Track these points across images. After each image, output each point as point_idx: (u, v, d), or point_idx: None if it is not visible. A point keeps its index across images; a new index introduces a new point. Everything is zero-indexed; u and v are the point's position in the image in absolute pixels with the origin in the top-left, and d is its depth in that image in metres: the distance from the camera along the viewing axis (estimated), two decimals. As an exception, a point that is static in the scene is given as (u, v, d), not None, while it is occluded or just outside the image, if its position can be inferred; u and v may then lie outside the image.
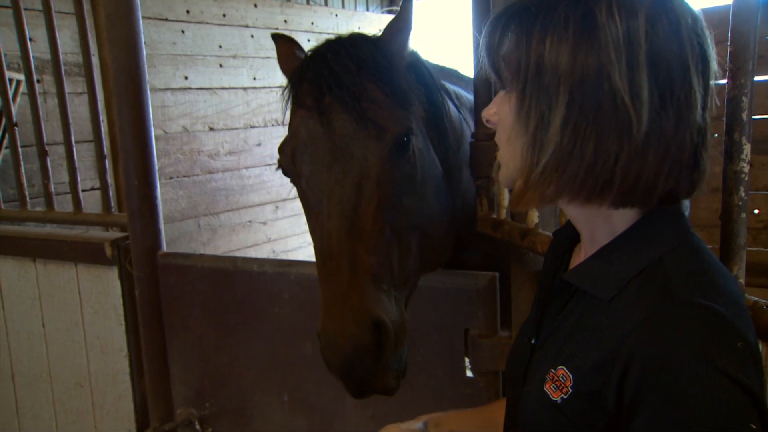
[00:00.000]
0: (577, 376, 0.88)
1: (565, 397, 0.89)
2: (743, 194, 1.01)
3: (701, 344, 0.77)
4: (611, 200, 0.89)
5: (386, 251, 1.38)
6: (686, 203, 0.96)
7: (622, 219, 0.93)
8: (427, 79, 1.73)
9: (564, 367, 0.90)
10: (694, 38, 0.85)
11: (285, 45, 1.80)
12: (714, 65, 0.87)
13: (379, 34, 1.65)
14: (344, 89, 1.43)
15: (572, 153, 0.85)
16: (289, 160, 1.51)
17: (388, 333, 1.27)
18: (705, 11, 0.90)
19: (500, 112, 0.96)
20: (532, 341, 1.05)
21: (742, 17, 0.96)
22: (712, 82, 0.88)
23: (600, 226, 0.95)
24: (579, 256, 1.06)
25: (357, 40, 1.56)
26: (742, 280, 1.04)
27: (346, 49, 1.50)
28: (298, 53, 1.77)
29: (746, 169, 1.00)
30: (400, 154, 1.45)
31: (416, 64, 1.72)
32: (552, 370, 0.93)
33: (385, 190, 1.42)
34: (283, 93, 1.59)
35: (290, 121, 1.56)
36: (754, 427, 0.74)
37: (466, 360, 1.80)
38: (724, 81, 1.00)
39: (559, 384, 0.90)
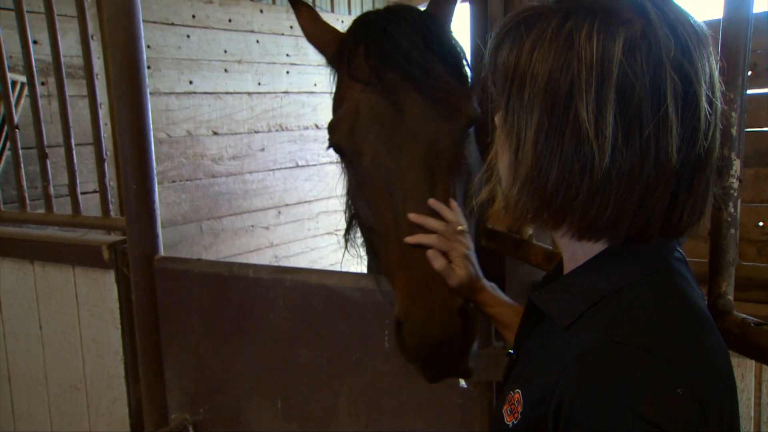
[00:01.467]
0: (526, 402, 0.88)
1: (515, 422, 0.88)
2: (732, 210, 1.00)
3: (625, 388, 0.74)
4: (572, 232, 0.87)
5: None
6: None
7: (593, 247, 0.90)
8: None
9: (520, 391, 0.90)
10: (678, 70, 0.79)
11: (306, 10, 1.75)
12: (701, 102, 0.80)
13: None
14: (414, 66, 1.37)
15: (539, 177, 0.83)
16: (346, 137, 1.44)
17: (473, 319, 1.25)
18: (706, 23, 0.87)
19: (497, 127, 0.95)
20: (514, 357, 1.05)
21: (732, 32, 0.95)
22: (703, 122, 0.81)
23: (576, 248, 0.93)
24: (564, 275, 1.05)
25: (413, 12, 1.50)
26: (730, 297, 1.03)
27: (409, 22, 1.43)
28: (324, 21, 1.72)
29: (735, 184, 0.99)
30: (467, 137, 1.42)
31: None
32: (511, 392, 0.92)
33: (457, 173, 1.38)
34: (331, 62, 1.52)
35: (342, 95, 1.50)
36: None
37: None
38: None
39: (512, 408, 0.90)
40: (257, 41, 5.03)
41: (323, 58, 1.69)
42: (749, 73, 1.00)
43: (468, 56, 1.57)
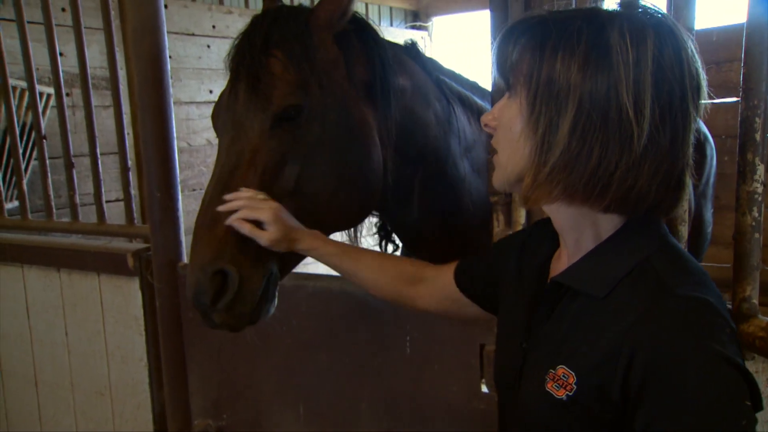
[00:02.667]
0: (579, 373, 0.92)
1: (570, 394, 0.93)
2: (757, 214, 1.01)
3: (698, 331, 0.84)
4: (606, 204, 0.95)
5: None
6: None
7: (609, 225, 0.99)
8: (369, 46, 1.75)
9: (564, 366, 0.94)
10: (693, 69, 0.92)
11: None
12: (704, 98, 0.94)
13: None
14: (249, 61, 1.54)
15: (579, 156, 0.92)
16: (213, 120, 1.69)
17: (229, 281, 1.43)
18: (720, 30, 0.91)
19: (502, 116, 1.02)
20: (523, 345, 1.08)
21: (755, 38, 0.96)
22: (699, 115, 0.95)
23: (586, 231, 1.00)
24: (560, 263, 1.09)
25: (279, 12, 1.65)
26: (755, 301, 1.04)
27: (262, 22, 1.61)
28: None
29: (760, 189, 0.99)
30: (283, 126, 1.54)
31: (360, 31, 1.75)
32: (551, 370, 0.96)
33: (263, 159, 1.53)
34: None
35: None
36: (748, 403, 0.82)
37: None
38: (736, 99, 1.00)
39: (561, 382, 0.94)
40: (276, 51, 5.07)
41: None
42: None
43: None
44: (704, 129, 3.34)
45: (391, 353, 1.95)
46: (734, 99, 4.89)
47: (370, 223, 1.97)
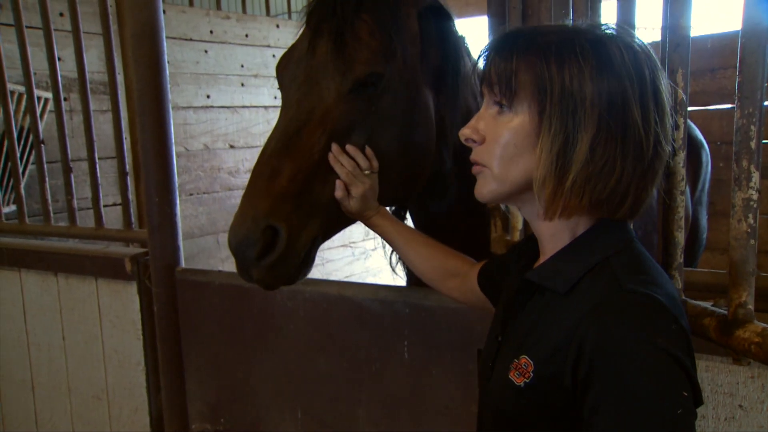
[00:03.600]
0: (537, 361, 0.99)
1: (528, 381, 0.99)
2: (752, 221, 1.02)
3: (641, 324, 0.89)
4: (623, 214, 1.01)
5: (313, 174, 1.49)
6: None
7: (583, 229, 1.05)
8: (445, 31, 1.74)
9: (526, 356, 1.01)
10: (669, 87, 1.00)
11: None
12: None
13: None
14: (336, 21, 1.51)
15: (603, 169, 0.96)
16: (279, 70, 1.64)
17: (278, 239, 1.42)
18: (715, 37, 0.93)
19: (494, 130, 1.04)
20: (499, 338, 1.14)
21: (751, 47, 0.97)
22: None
23: (564, 238, 1.06)
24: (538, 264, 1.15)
25: None
26: (751, 307, 1.05)
27: None
28: None
29: (755, 196, 1.01)
30: (361, 92, 1.53)
31: (436, 13, 1.72)
32: (515, 360, 1.02)
33: (334, 122, 1.51)
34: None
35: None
36: (686, 394, 0.86)
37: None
38: (731, 106, 1.01)
39: (522, 371, 1.00)
40: (273, 56, 5.09)
41: None
42: None
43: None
44: (700, 136, 3.36)
45: (389, 358, 1.96)
46: (729, 106, 4.92)
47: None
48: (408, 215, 2.02)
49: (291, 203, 1.45)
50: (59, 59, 2.69)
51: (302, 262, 1.50)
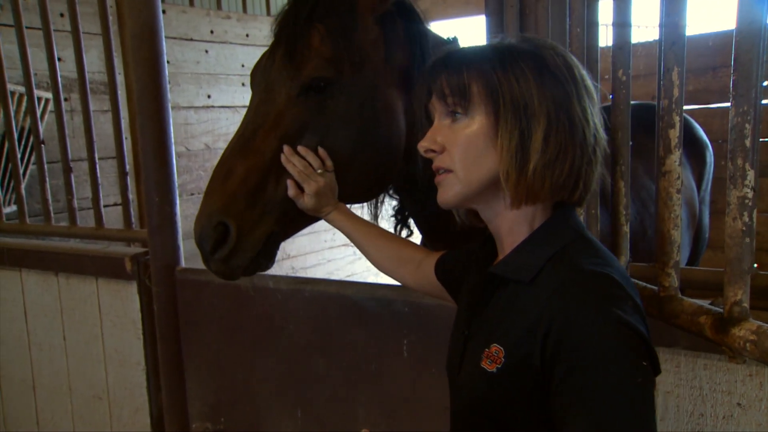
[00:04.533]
0: (507, 347, 1.05)
1: (499, 366, 1.05)
2: (748, 219, 1.02)
3: (602, 299, 0.97)
4: (577, 197, 1.12)
5: (266, 174, 1.60)
6: None
7: (539, 222, 1.14)
8: (412, 33, 1.78)
9: (496, 344, 1.07)
10: (592, 82, 1.13)
11: None
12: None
13: None
14: (289, 29, 1.63)
15: (557, 159, 1.06)
16: (251, 76, 1.76)
17: (230, 233, 1.55)
18: (716, 35, 0.92)
19: (452, 137, 1.12)
20: (465, 332, 1.20)
21: (745, 45, 0.97)
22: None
23: (522, 232, 1.14)
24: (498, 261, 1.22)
25: None
26: (746, 305, 1.05)
27: None
28: None
29: (750, 194, 1.00)
30: (310, 96, 1.62)
31: (405, 16, 1.77)
32: (486, 349, 1.09)
33: (285, 124, 1.62)
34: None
35: None
36: (645, 364, 0.94)
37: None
38: (728, 104, 1.01)
39: (493, 358, 1.07)
40: (274, 55, 5.08)
41: None
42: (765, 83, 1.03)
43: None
44: (704, 136, 3.35)
45: (388, 357, 1.96)
46: (730, 104, 4.91)
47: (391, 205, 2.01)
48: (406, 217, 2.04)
49: (243, 201, 1.57)
50: (59, 59, 2.69)
51: (259, 255, 1.62)
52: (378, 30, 1.71)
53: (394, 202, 2.04)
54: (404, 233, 2.04)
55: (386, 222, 1.97)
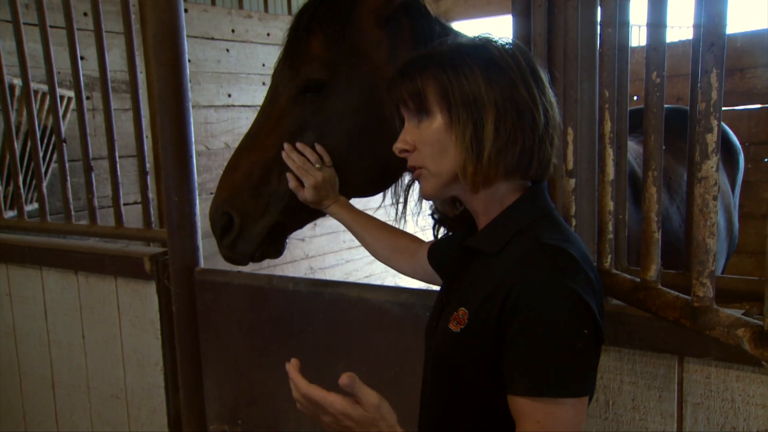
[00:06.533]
0: (471, 310, 1.18)
1: (463, 327, 1.18)
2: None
3: (556, 269, 1.10)
4: (532, 174, 1.23)
5: (269, 169, 1.74)
6: None
7: (510, 200, 1.25)
8: (417, 31, 1.82)
9: (463, 308, 1.20)
10: (543, 66, 1.26)
11: None
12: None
13: None
14: (291, 35, 1.77)
15: (508, 144, 1.17)
16: (271, 79, 1.88)
17: (234, 222, 1.73)
18: (744, 35, 0.88)
19: (421, 136, 1.24)
20: (443, 299, 1.33)
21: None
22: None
23: (495, 210, 1.26)
24: None
25: None
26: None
27: (313, 1, 1.79)
28: None
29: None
30: (306, 96, 1.74)
31: (410, 13, 1.82)
32: (454, 312, 1.22)
33: (285, 122, 1.75)
34: None
35: None
36: (586, 332, 1.07)
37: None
38: (761, 106, 0.97)
39: (458, 320, 1.19)
40: (295, 55, 5.07)
41: None
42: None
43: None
44: (736, 140, 3.29)
45: (409, 362, 1.93)
46: (758, 106, 4.82)
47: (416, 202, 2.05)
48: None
49: (247, 193, 1.72)
50: (82, 58, 2.69)
51: (265, 244, 1.77)
52: (381, 31, 1.78)
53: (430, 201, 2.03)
54: (441, 231, 2.04)
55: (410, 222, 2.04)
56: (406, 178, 2.00)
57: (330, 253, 5.59)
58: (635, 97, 5.00)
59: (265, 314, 2.24)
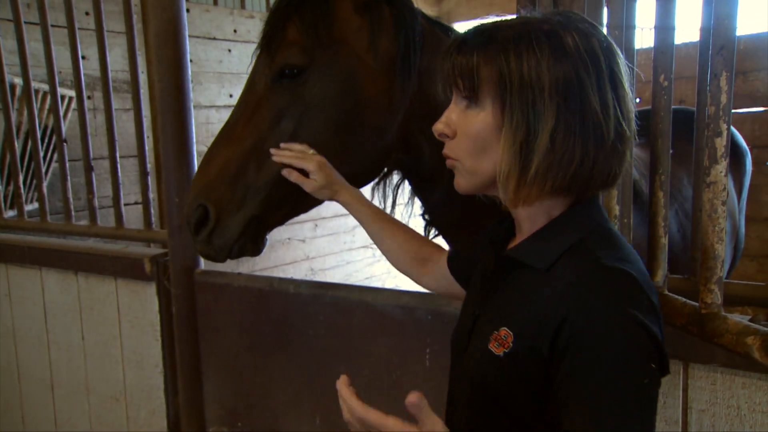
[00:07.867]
0: (517, 333, 1.04)
1: (507, 351, 1.04)
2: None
3: (618, 297, 0.96)
4: (586, 195, 1.08)
5: (246, 159, 1.66)
6: None
7: (559, 210, 1.09)
8: (399, 23, 1.76)
9: (506, 327, 1.06)
10: (626, 68, 1.04)
11: None
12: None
13: None
14: (270, 22, 1.70)
15: (563, 157, 1.00)
16: None
17: (209, 215, 1.65)
18: (747, 38, 0.87)
19: (463, 125, 1.09)
20: (476, 312, 1.18)
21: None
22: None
23: (541, 220, 1.11)
24: (514, 244, 1.19)
25: None
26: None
27: None
28: None
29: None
30: (285, 82, 1.67)
31: (392, 4, 1.77)
32: (495, 331, 1.07)
33: (262, 110, 1.68)
34: None
35: None
36: (653, 366, 0.95)
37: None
38: (764, 109, 0.95)
39: (501, 341, 1.05)
40: (296, 55, 5.07)
41: None
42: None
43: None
44: (744, 144, 3.27)
45: (410, 366, 1.92)
46: (761, 108, 4.81)
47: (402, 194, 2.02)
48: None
49: (222, 185, 1.64)
50: (83, 58, 2.68)
51: (243, 238, 1.68)
52: (360, 18, 1.73)
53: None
54: (432, 232, 2.01)
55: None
56: (395, 177, 1.97)
57: (330, 254, 5.58)
58: (637, 99, 4.98)
59: (265, 316, 2.23)
